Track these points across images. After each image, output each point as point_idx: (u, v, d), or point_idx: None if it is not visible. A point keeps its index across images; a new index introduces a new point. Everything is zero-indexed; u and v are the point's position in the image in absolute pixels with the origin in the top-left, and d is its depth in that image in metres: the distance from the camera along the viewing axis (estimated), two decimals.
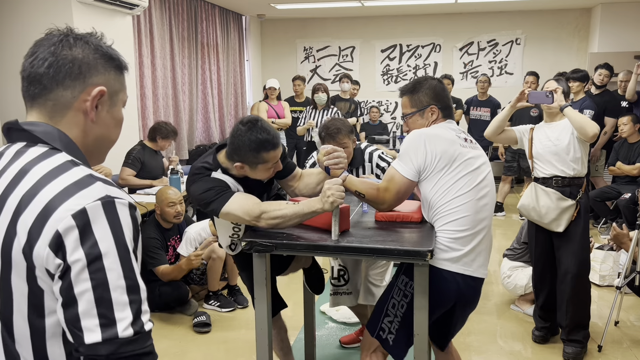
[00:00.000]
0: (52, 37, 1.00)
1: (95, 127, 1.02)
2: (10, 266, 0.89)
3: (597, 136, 2.94)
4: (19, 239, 0.88)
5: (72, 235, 0.86)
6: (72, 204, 0.87)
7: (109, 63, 1.03)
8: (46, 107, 0.99)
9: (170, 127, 4.88)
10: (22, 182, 0.91)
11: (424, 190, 2.01)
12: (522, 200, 3.14)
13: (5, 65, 4.79)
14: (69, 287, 0.85)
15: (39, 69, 0.98)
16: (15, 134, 0.99)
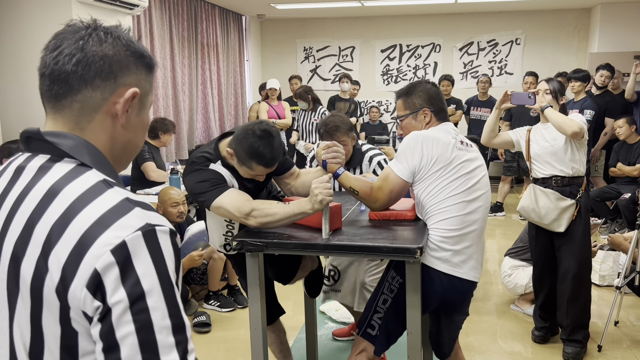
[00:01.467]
0: (78, 29, 0.89)
1: (124, 132, 0.91)
2: (41, 304, 0.79)
3: (592, 135, 2.95)
4: (52, 276, 0.77)
5: (112, 273, 0.75)
6: (110, 236, 0.76)
7: (140, 61, 0.91)
8: (72, 110, 0.87)
9: (169, 121, 4.97)
10: (52, 206, 0.80)
11: (417, 190, 2.03)
12: (521, 202, 3.14)
13: (6, 65, 4.79)
14: (110, 331, 0.75)
15: (66, 66, 0.85)
16: (37, 145, 0.87)
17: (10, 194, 0.85)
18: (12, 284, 0.81)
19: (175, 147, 6.50)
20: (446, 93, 6.89)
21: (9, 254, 0.81)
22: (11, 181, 0.87)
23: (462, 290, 2.04)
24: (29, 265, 0.79)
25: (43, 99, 0.90)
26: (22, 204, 0.82)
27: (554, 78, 3.14)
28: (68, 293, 0.76)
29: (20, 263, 0.80)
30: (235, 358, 3.18)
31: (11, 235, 0.82)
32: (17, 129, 4.79)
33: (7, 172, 0.89)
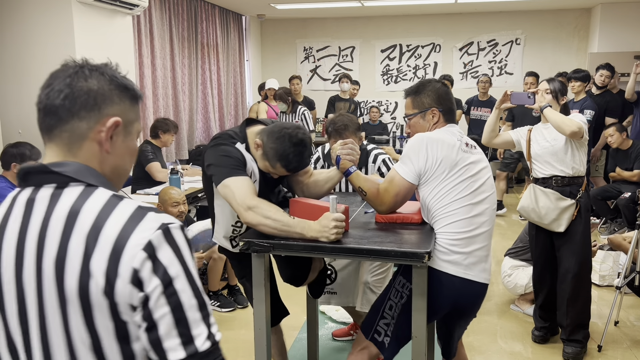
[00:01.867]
0: (68, 68, 1.02)
1: (110, 157, 1.02)
2: (91, 307, 0.91)
3: (592, 135, 2.95)
4: (97, 281, 0.90)
5: (146, 268, 0.90)
6: (138, 238, 0.91)
7: (124, 93, 1.03)
8: (62, 139, 0.99)
9: (170, 122, 4.96)
10: (78, 224, 0.92)
11: (423, 193, 2.01)
12: (521, 202, 3.14)
13: (6, 65, 4.79)
14: (150, 314, 0.91)
15: (55, 101, 0.98)
16: (38, 178, 0.98)
17: (32, 224, 0.95)
18: (62, 297, 0.92)
19: (175, 147, 6.50)
20: None
21: (52, 273, 0.92)
22: (26, 214, 0.96)
23: (474, 293, 2.03)
24: (72, 277, 0.91)
25: (40, 131, 1.01)
26: (48, 229, 0.93)
27: (555, 78, 3.14)
28: (114, 292, 0.90)
29: (63, 278, 0.91)
30: (236, 358, 3.18)
31: (48, 258, 0.92)
32: (17, 129, 4.79)
33: (17, 207, 0.98)
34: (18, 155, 3.38)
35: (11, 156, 3.38)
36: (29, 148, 3.43)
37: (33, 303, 0.94)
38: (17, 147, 3.41)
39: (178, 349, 0.91)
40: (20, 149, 3.40)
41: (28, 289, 0.94)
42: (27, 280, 0.94)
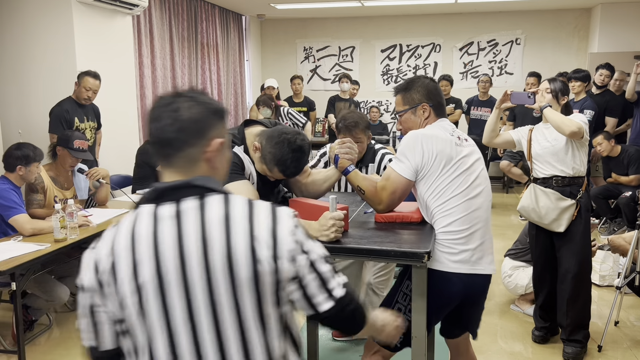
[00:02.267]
0: (167, 100, 1.19)
1: (216, 171, 1.24)
2: (259, 287, 1.14)
3: (592, 135, 2.94)
4: (263, 266, 1.13)
5: (296, 248, 1.17)
6: (285, 226, 1.17)
7: (217, 116, 1.23)
8: (179, 164, 1.19)
9: None
10: (234, 224, 1.14)
11: (420, 190, 2.02)
12: (521, 202, 3.14)
13: (6, 66, 4.79)
14: (301, 281, 1.19)
15: (169, 134, 1.16)
16: (178, 193, 1.16)
17: (188, 231, 1.13)
18: (233, 283, 1.12)
19: None
20: (445, 93, 6.89)
21: (222, 266, 1.12)
22: (178, 223, 1.14)
23: (482, 283, 2.05)
24: (243, 267, 1.12)
25: (158, 159, 1.21)
26: (209, 232, 1.13)
27: (557, 78, 3.13)
28: (279, 271, 1.15)
29: (233, 269, 1.12)
30: None
31: (216, 255, 1.12)
32: (17, 129, 4.79)
33: (165, 219, 1.15)
34: (23, 157, 3.37)
35: (16, 159, 3.36)
36: (32, 149, 3.42)
37: (202, 294, 1.12)
38: (21, 149, 3.40)
39: (324, 302, 1.21)
40: (24, 151, 3.39)
41: (196, 284, 1.12)
42: (195, 278, 1.12)
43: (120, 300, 1.15)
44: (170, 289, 1.13)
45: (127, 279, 1.13)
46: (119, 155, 5.15)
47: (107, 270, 1.16)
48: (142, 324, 1.15)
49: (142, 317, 1.14)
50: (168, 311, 1.13)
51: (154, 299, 1.13)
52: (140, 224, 1.15)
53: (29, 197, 3.64)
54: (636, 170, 5.34)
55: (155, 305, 1.13)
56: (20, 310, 2.93)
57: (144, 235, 1.14)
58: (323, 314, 1.23)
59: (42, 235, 3.23)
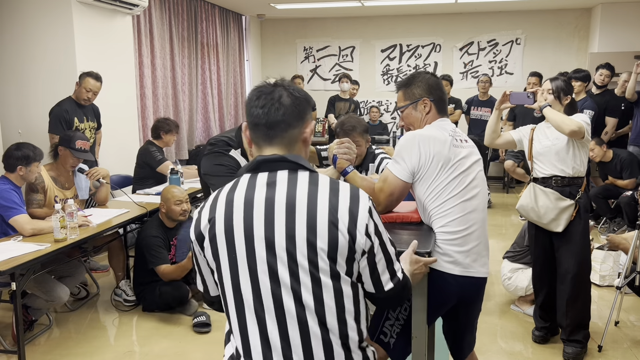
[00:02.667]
0: (272, 89, 1.37)
1: (306, 149, 1.44)
2: (336, 254, 1.29)
3: (592, 135, 2.94)
4: (344, 235, 1.29)
5: (371, 225, 1.32)
6: (363, 204, 1.33)
7: (309, 103, 1.43)
8: (283, 143, 1.37)
9: (172, 121, 4.95)
10: (320, 198, 1.30)
11: (418, 192, 2.01)
12: (520, 201, 3.14)
13: (6, 65, 4.79)
14: (373, 258, 1.35)
15: (277, 117, 1.35)
16: (273, 165, 1.35)
17: (278, 199, 1.31)
18: (313, 249, 1.28)
19: (175, 147, 6.50)
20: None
21: (304, 233, 1.28)
22: (269, 190, 1.33)
23: (477, 285, 2.05)
24: (323, 234, 1.28)
25: (259, 139, 1.39)
26: (296, 202, 1.30)
27: (559, 77, 3.12)
28: (356, 242, 1.30)
29: (316, 235, 1.28)
30: None
31: (300, 223, 1.29)
32: (17, 129, 4.79)
33: (259, 185, 1.34)
34: (23, 157, 3.37)
35: (16, 159, 3.36)
36: (32, 149, 3.42)
37: (283, 252, 1.28)
38: (21, 149, 3.39)
39: (389, 281, 1.39)
40: (23, 151, 3.39)
41: (278, 244, 1.28)
42: (278, 238, 1.29)
43: (215, 252, 1.34)
44: (257, 245, 1.30)
45: (222, 235, 1.32)
46: (119, 155, 5.15)
47: (207, 227, 1.35)
48: (229, 271, 1.33)
49: (229, 265, 1.32)
50: (256, 264, 1.30)
51: (242, 253, 1.31)
52: (238, 190, 1.36)
53: (29, 196, 3.64)
54: (630, 175, 5.35)
55: (242, 258, 1.31)
56: (20, 310, 2.93)
57: (239, 199, 1.33)
58: (387, 292, 1.39)
59: (42, 235, 3.23)
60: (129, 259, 4.21)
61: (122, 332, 3.56)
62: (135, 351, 3.28)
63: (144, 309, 3.82)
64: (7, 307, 3.80)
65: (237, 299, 1.33)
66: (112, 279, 4.32)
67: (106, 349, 3.30)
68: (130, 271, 4.20)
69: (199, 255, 1.41)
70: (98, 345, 3.35)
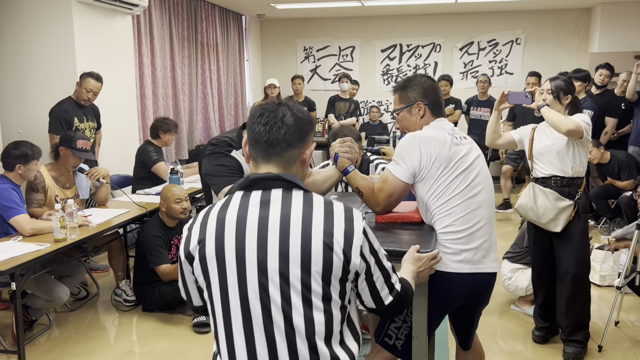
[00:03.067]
0: (275, 108, 1.38)
1: (304, 171, 1.44)
2: (330, 274, 1.28)
3: (592, 135, 2.94)
4: (338, 256, 1.28)
5: (365, 245, 1.32)
6: (358, 226, 1.32)
7: (311, 124, 1.43)
8: (280, 161, 1.37)
9: (170, 121, 4.94)
10: (314, 219, 1.29)
11: (420, 192, 2.01)
12: (520, 200, 3.14)
13: (6, 65, 4.79)
14: (370, 278, 1.37)
15: (278, 136, 1.35)
16: (267, 183, 1.34)
17: (272, 217, 1.30)
18: (306, 269, 1.26)
19: (175, 147, 6.50)
20: (445, 93, 6.89)
21: (298, 252, 1.27)
22: (263, 209, 1.31)
23: (487, 281, 2.04)
24: (317, 255, 1.27)
25: (257, 156, 1.38)
26: (291, 221, 1.29)
27: (559, 76, 3.12)
28: (350, 263, 1.30)
29: (310, 255, 1.27)
30: None
31: (294, 243, 1.27)
32: (17, 129, 4.79)
33: (252, 204, 1.33)
34: (21, 156, 3.37)
35: (14, 157, 3.36)
36: (30, 147, 3.42)
37: (275, 274, 1.27)
38: (19, 148, 3.39)
39: (388, 295, 1.41)
40: (22, 150, 3.38)
41: (270, 264, 1.27)
42: (270, 259, 1.27)
43: (205, 272, 1.33)
44: (249, 266, 1.28)
45: (212, 256, 1.31)
46: (118, 155, 5.15)
47: (196, 248, 1.33)
48: (219, 291, 1.32)
49: (219, 285, 1.31)
50: (247, 286, 1.29)
51: (232, 274, 1.29)
52: (230, 208, 1.34)
53: (29, 196, 3.64)
54: (628, 176, 5.36)
55: (233, 280, 1.29)
56: (20, 310, 2.93)
57: (231, 218, 1.31)
58: (387, 306, 1.41)
59: (42, 235, 3.23)
60: (129, 259, 4.21)
61: (122, 332, 3.56)
62: (135, 351, 3.28)
63: (144, 309, 3.82)
64: (7, 307, 3.80)
65: (226, 320, 1.31)
66: (112, 279, 4.32)
67: (106, 349, 3.30)
68: (130, 271, 4.20)
69: (187, 272, 1.40)
70: (98, 345, 3.35)
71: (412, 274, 1.67)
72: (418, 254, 1.75)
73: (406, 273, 1.64)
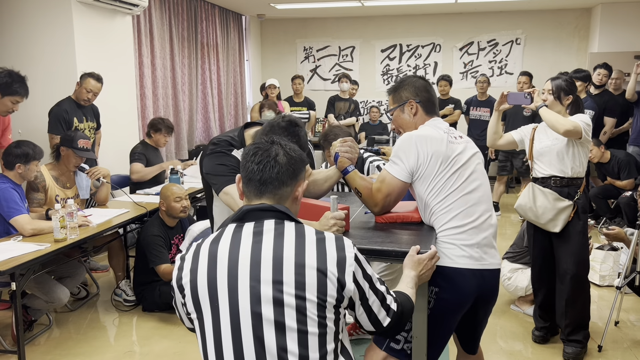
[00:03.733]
0: (268, 147, 1.43)
1: (296, 207, 1.49)
2: (325, 303, 1.30)
3: (592, 134, 2.94)
4: (332, 283, 1.31)
5: (359, 272, 1.37)
6: (349, 254, 1.36)
7: (304, 162, 1.48)
8: (274, 199, 1.42)
9: (165, 122, 4.87)
10: (307, 250, 1.32)
11: (419, 190, 2.01)
12: (519, 200, 3.14)
13: (5, 65, 4.78)
14: (366, 302, 1.41)
15: (271, 174, 1.40)
16: (260, 214, 1.38)
17: (265, 248, 1.32)
18: (301, 297, 1.28)
19: (175, 147, 6.50)
20: (444, 93, 6.88)
21: (292, 281, 1.28)
22: (256, 240, 1.34)
23: (492, 278, 2.05)
24: (312, 283, 1.29)
25: (250, 193, 1.43)
26: (284, 252, 1.31)
27: (560, 76, 3.12)
28: (344, 289, 1.34)
29: (304, 284, 1.29)
30: None
31: (287, 271, 1.29)
32: (17, 129, 4.79)
33: (245, 236, 1.36)
34: (22, 155, 3.37)
35: (15, 156, 3.36)
36: (32, 147, 3.42)
37: (269, 302, 1.28)
38: (20, 147, 3.39)
39: (386, 317, 1.44)
40: (23, 149, 3.38)
41: (263, 293, 1.28)
42: (264, 286, 1.28)
43: (196, 305, 1.35)
44: (242, 300, 1.29)
45: (204, 291, 1.32)
46: (118, 155, 5.14)
47: (188, 282, 1.35)
48: (211, 323, 1.34)
49: (212, 318, 1.33)
50: (239, 319, 1.30)
51: (225, 308, 1.31)
52: (222, 241, 1.36)
53: (29, 195, 3.64)
54: (628, 175, 5.36)
55: (225, 315, 1.31)
56: (20, 310, 2.93)
57: (223, 253, 1.33)
58: (386, 327, 1.45)
59: (42, 235, 3.23)
60: (129, 259, 4.21)
61: (122, 332, 3.56)
62: (135, 351, 3.28)
63: (144, 309, 3.82)
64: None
65: (218, 354, 1.34)
66: (112, 279, 4.32)
67: (106, 349, 3.30)
68: (130, 271, 4.20)
69: (178, 301, 1.42)
70: (98, 345, 3.35)
71: (414, 280, 1.67)
72: (418, 257, 1.75)
73: (407, 282, 1.65)
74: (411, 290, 1.62)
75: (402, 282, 1.65)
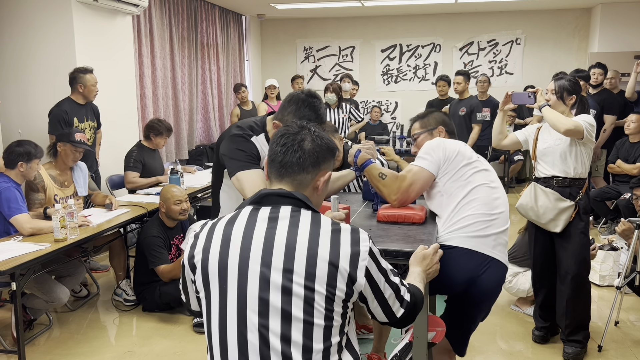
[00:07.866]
0: (297, 132, 1.41)
1: (317, 197, 1.45)
2: (333, 299, 1.28)
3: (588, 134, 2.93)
4: (343, 275, 1.28)
5: (372, 266, 1.33)
6: (364, 247, 1.32)
7: (330, 153, 1.45)
8: (293, 184, 1.39)
9: (164, 124, 4.81)
10: (321, 239, 1.29)
11: (444, 183, 2.08)
12: (520, 200, 3.14)
13: (6, 65, 4.79)
14: (381, 295, 1.38)
15: (292, 159, 1.38)
16: (277, 199, 1.36)
17: (278, 234, 1.30)
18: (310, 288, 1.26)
19: (175, 147, 6.50)
20: (443, 93, 6.88)
21: (303, 270, 1.26)
22: (271, 225, 1.32)
23: (499, 273, 2.09)
24: (322, 272, 1.27)
25: (272, 174, 1.42)
26: (297, 241, 1.29)
27: (563, 76, 3.11)
28: (355, 284, 1.30)
29: (314, 273, 1.27)
30: None
31: (299, 260, 1.27)
32: (17, 129, 4.79)
33: (260, 220, 1.34)
34: (25, 154, 3.37)
35: (18, 155, 3.36)
36: (33, 146, 3.43)
37: (277, 289, 1.26)
38: (22, 146, 3.39)
39: (400, 309, 1.43)
40: (25, 148, 3.39)
41: (272, 281, 1.26)
42: (274, 275, 1.27)
43: (205, 283, 1.34)
44: (251, 284, 1.28)
45: (215, 270, 1.32)
46: (118, 155, 5.14)
47: (200, 260, 1.34)
48: (218, 304, 1.32)
49: (219, 298, 1.32)
50: (246, 302, 1.28)
51: (233, 290, 1.29)
52: (237, 223, 1.35)
53: (29, 196, 3.64)
54: None
55: (233, 296, 1.29)
56: (20, 310, 2.93)
57: (237, 236, 1.32)
58: (399, 318, 1.44)
59: (42, 235, 3.23)
60: (129, 259, 4.21)
61: (122, 332, 3.56)
62: (135, 351, 3.28)
63: (144, 309, 3.82)
64: (7, 307, 3.80)
65: (221, 335, 1.31)
66: (112, 279, 4.32)
67: (106, 349, 3.30)
68: (130, 271, 4.20)
69: (188, 278, 1.41)
70: (98, 345, 3.35)
71: (421, 276, 1.69)
72: (422, 252, 1.77)
73: (414, 277, 1.66)
74: (420, 284, 1.62)
75: (409, 277, 1.66)
